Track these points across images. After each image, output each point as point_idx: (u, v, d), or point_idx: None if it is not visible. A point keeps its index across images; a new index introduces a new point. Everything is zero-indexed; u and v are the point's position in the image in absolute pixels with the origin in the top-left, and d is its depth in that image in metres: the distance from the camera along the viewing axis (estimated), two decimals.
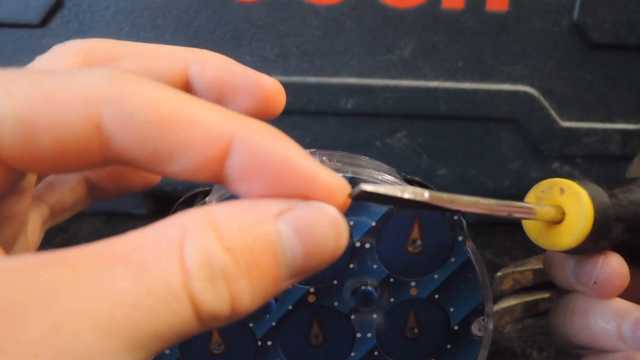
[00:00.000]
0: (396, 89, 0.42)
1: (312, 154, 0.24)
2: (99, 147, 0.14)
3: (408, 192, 0.16)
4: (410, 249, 0.23)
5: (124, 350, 0.11)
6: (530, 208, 0.20)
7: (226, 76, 0.20)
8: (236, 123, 0.14)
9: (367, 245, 0.23)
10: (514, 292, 0.34)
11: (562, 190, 0.21)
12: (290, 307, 0.23)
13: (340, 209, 0.14)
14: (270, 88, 0.21)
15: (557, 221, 0.21)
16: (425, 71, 0.42)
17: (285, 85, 0.41)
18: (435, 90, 0.42)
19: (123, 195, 0.24)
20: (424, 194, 0.16)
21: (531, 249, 0.44)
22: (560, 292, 0.34)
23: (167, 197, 0.43)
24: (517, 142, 0.43)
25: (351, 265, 0.23)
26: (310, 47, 0.41)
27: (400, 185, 0.22)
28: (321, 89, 0.41)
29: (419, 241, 0.23)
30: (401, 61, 0.41)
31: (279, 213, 0.14)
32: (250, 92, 0.20)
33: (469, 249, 0.23)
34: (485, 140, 0.43)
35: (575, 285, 0.24)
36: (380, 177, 0.22)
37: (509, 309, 0.33)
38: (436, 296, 0.24)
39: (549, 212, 0.21)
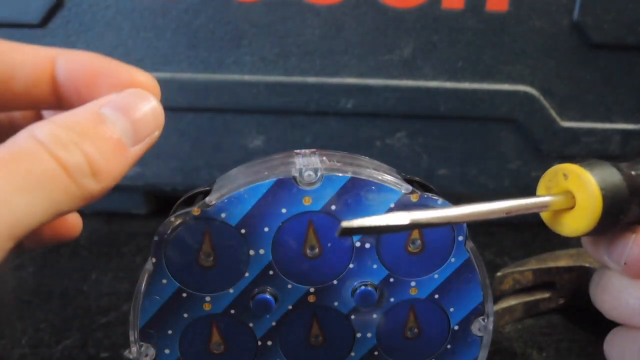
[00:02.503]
0: (396, 89, 0.41)
1: (312, 154, 0.24)
2: None
3: (389, 219, 0.16)
4: (410, 248, 0.23)
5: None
6: (530, 204, 0.20)
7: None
8: (57, 49, 0.21)
9: (367, 245, 0.23)
10: (514, 292, 0.34)
11: (565, 176, 0.21)
12: (290, 307, 0.23)
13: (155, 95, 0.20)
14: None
15: (571, 207, 0.21)
16: (425, 71, 0.42)
17: (285, 85, 0.42)
18: (435, 90, 0.42)
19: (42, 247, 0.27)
20: (406, 218, 0.16)
21: (531, 249, 0.44)
22: (560, 292, 0.34)
23: (167, 197, 0.43)
24: (517, 142, 0.43)
25: (351, 265, 0.23)
26: (310, 47, 0.41)
27: (385, 212, 0.22)
28: (321, 89, 0.41)
29: (418, 241, 0.23)
30: (401, 61, 0.41)
31: (103, 104, 0.19)
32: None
33: (469, 249, 0.23)
34: (485, 140, 0.43)
35: (609, 264, 0.24)
36: (380, 177, 0.22)
37: (509, 309, 0.33)
38: (436, 296, 0.24)
39: (558, 201, 0.21)
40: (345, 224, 0.16)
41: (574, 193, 0.21)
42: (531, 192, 0.23)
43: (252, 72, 0.41)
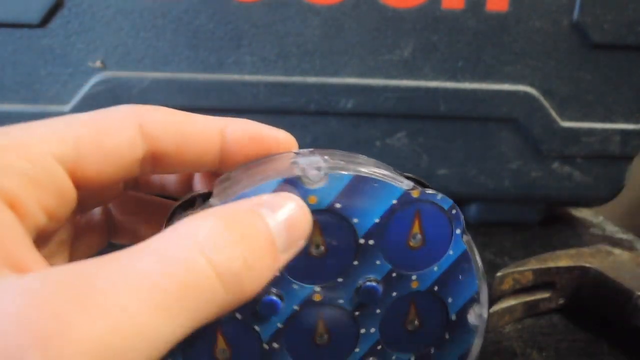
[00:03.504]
0: (396, 89, 0.42)
1: (312, 153, 0.24)
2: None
3: None
4: (411, 243, 0.23)
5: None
6: None
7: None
8: (225, 119, 0.23)
9: (371, 242, 0.23)
10: (514, 292, 0.34)
11: None
12: (296, 308, 0.23)
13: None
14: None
15: None
16: (425, 71, 0.42)
17: (285, 85, 0.42)
18: (435, 90, 0.42)
19: None
20: None
21: (531, 249, 0.44)
22: (560, 292, 0.34)
23: (167, 198, 0.43)
24: (517, 142, 0.43)
25: (355, 262, 0.23)
26: (310, 47, 0.41)
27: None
28: (321, 89, 0.41)
29: (419, 235, 0.23)
30: (401, 61, 0.41)
31: (271, 210, 0.19)
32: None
33: (465, 241, 0.23)
34: (485, 140, 0.43)
35: None
36: (382, 174, 0.22)
37: (509, 309, 0.33)
38: (435, 288, 0.24)
39: None
40: None
41: None
42: (531, 192, 0.23)
43: (252, 72, 0.41)
